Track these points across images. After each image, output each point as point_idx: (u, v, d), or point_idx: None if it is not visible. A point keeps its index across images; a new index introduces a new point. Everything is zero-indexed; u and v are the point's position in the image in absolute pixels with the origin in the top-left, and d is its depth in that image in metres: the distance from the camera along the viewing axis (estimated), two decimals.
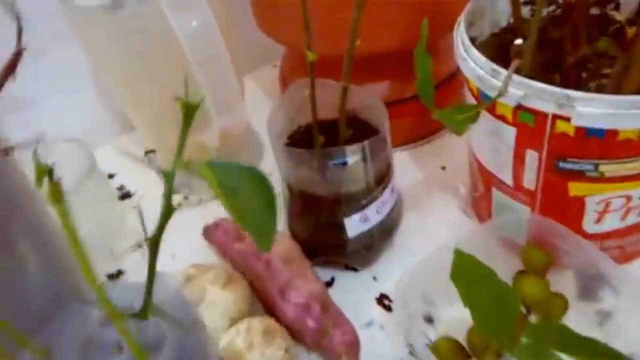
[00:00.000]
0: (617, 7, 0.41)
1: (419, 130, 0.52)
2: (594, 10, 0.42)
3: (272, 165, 0.51)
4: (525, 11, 0.42)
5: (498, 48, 0.41)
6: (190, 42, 0.38)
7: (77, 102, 0.55)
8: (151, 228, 0.27)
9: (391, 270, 0.43)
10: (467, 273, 0.28)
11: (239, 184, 0.21)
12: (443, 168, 0.51)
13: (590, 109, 0.29)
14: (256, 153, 0.54)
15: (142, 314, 0.26)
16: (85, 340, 0.26)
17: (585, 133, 0.31)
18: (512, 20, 0.40)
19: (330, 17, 0.41)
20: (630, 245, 0.39)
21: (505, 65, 0.38)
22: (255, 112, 0.56)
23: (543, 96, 0.30)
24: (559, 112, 0.30)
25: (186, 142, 0.41)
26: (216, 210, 0.49)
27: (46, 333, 0.26)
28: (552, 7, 0.42)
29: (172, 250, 0.47)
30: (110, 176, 0.56)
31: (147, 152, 0.58)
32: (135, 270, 0.47)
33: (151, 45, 0.40)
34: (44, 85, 0.50)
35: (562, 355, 0.27)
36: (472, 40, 0.40)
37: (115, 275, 0.46)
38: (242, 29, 0.49)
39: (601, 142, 0.31)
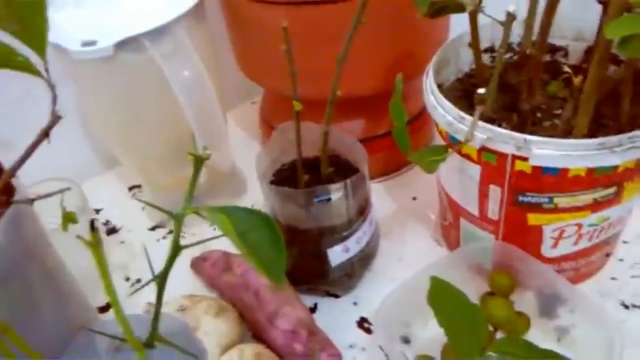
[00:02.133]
0: (566, 55, 0.47)
1: (392, 163, 0.56)
2: (546, 58, 0.47)
3: (254, 199, 0.55)
4: (486, 58, 0.47)
5: (462, 91, 0.45)
6: (183, 91, 0.41)
7: (62, 138, 0.57)
8: (138, 263, 0.29)
9: (371, 295, 0.46)
10: (442, 297, 0.32)
11: (248, 226, 0.24)
12: (414, 198, 0.55)
13: (545, 151, 0.33)
14: (240, 187, 0.57)
15: (149, 343, 0.28)
16: None
17: (541, 171, 0.35)
18: (474, 67, 0.45)
19: (311, 65, 0.45)
20: (584, 266, 0.43)
21: (469, 106, 0.43)
22: (237, 148, 0.59)
23: (504, 139, 0.35)
24: (517, 153, 0.34)
25: (179, 179, 0.43)
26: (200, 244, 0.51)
27: None
28: (509, 55, 0.47)
29: None
30: (97, 211, 0.58)
31: (131, 188, 0.60)
32: (123, 302, 0.49)
33: (143, 92, 0.43)
34: (30, 122, 0.52)
35: None
36: (439, 85, 0.45)
37: (106, 308, 0.48)
38: (222, 69, 0.53)
39: (555, 179, 0.35)
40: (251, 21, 0.46)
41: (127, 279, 0.51)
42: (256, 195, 0.43)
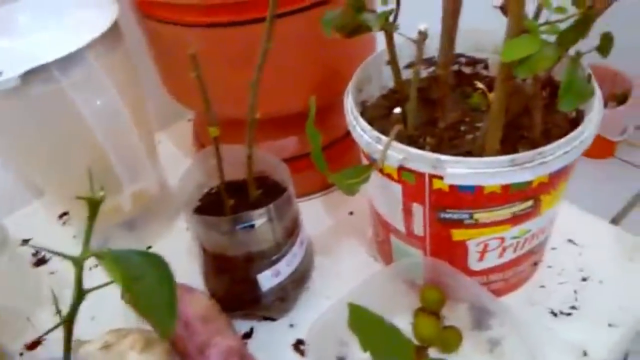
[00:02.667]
0: (486, 67, 0.47)
1: (327, 179, 0.56)
2: (467, 69, 0.48)
3: None
4: (408, 73, 0.47)
5: (387, 108, 0.45)
6: (96, 119, 0.40)
7: None
8: (70, 295, 0.28)
9: (308, 316, 0.45)
10: (363, 323, 0.32)
11: (141, 272, 0.23)
12: (351, 213, 0.54)
13: (458, 170, 0.34)
14: (172, 207, 0.56)
15: None
16: None
17: (457, 189, 0.35)
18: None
19: (231, 86, 0.44)
20: (512, 277, 0.44)
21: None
22: (172, 167, 0.58)
23: (419, 159, 0.35)
24: (433, 172, 0.35)
25: (108, 205, 0.42)
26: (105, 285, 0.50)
27: None
28: (432, 68, 0.47)
29: (91, 312, 0.47)
30: (25, 241, 0.56)
31: (61, 215, 0.58)
32: (57, 339, 0.47)
33: (58, 123, 0.42)
34: None
35: None
36: (363, 103, 0.45)
37: (33, 346, 0.46)
38: (153, 87, 0.51)
39: (472, 196, 0.35)
40: (167, 44, 0.45)
41: (58, 312, 0.49)
42: None
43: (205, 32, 0.42)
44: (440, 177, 0.35)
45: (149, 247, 0.53)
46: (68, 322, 0.28)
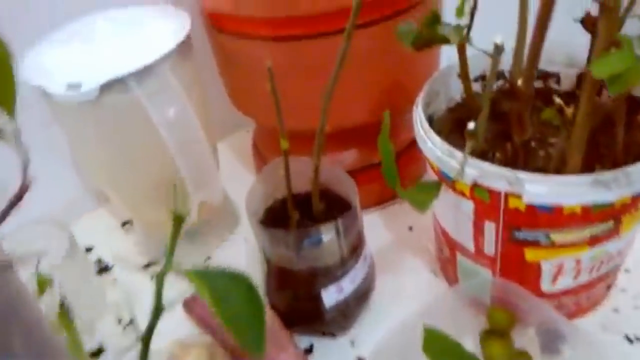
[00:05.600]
0: (558, 81, 0.46)
1: (387, 192, 0.55)
2: (537, 84, 0.46)
3: (248, 231, 0.53)
4: (477, 86, 0.46)
5: (455, 122, 0.44)
6: (168, 130, 0.40)
7: (54, 175, 0.56)
8: (132, 303, 0.28)
9: (368, 334, 0.45)
10: (437, 346, 0.31)
11: (228, 291, 0.23)
12: (410, 228, 0.54)
13: (538, 189, 0.32)
14: (233, 220, 0.56)
15: None
16: None
17: (535, 208, 0.34)
18: (465, 96, 0.44)
19: (299, 99, 0.44)
20: (585, 300, 0.42)
21: (462, 137, 0.42)
22: (230, 179, 0.58)
23: (495, 176, 0.34)
24: (510, 191, 0.33)
25: (165, 217, 0.42)
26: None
27: None
28: (501, 81, 0.46)
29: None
30: (88, 249, 0.57)
31: (124, 224, 0.60)
32: (117, 345, 0.48)
33: (130, 132, 0.42)
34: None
35: None
36: (430, 117, 0.44)
37: (96, 353, 0.46)
38: (214, 96, 0.52)
39: (550, 216, 0.34)
40: (237, 57, 0.46)
41: (120, 321, 0.50)
42: (250, 228, 0.42)
43: (276, 45, 0.42)
44: (518, 196, 0.33)
45: (208, 258, 0.53)
46: (145, 341, 0.29)
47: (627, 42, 0.27)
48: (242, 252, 0.52)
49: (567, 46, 0.44)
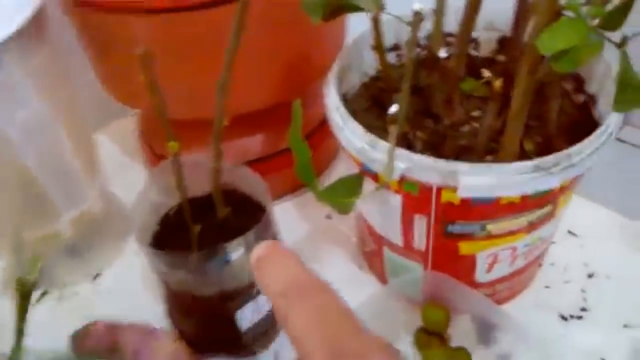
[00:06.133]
0: (477, 47, 0.42)
1: (298, 180, 0.49)
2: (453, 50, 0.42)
3: None
4: (391, 57, 0.41)
5: (371, 98, 0.39)
6: (20, 136, 0.31)
7: None
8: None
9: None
10: None
11: None
12: (329, 217, 0.49)
13: (475, 181, 0.28)
14: (124, 226, 0.48)
15: None
16: None
17: (470, 201, 0.30)
18: (380, 69, 0.39)
19: (189, 84, 0.37)
20: (518, 283, 0.39)
21: (378, 116, 0.37)
22: (115, 172, 0.50)
23: (426, 169, 0.29)
24: (444, 184, 0.29)
25: (29, 240, 0.34)
26: (81, 305, 0.43)
27: None
28: (417, 50, 0.41)
29: None
30: None
31: None
32: None
33: None
34: None
35: None
36: (344, 95, 0.39)
37: None
38: (86, 79, 0.43)
39: (486, 207, 0.30)
40: (105, 37, 0.37)
41: None
42: None
43: (154, 19, 0.34)
44: (452, 189, 0.29)
45: (97, 276, 0.45)
46: None
47: (575, 9, 0.22)
48: (138, 264, 0.45)
49: (485, 8, 0.40)
